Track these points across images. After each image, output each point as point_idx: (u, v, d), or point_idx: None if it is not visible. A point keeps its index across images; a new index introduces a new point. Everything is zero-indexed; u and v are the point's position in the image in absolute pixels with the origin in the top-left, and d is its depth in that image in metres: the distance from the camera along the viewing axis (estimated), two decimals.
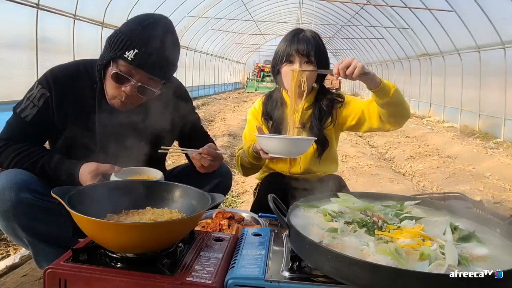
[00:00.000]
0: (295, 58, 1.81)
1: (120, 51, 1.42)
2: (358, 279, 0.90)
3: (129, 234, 1.02)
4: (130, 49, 1.41)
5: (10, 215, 1.39)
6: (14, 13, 5.51)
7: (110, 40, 1.47)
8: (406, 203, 1.34)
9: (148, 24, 1.43)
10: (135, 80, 1.45)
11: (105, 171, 1.46)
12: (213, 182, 1.77)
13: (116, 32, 1.46)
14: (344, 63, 1.53)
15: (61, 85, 1.55)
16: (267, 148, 1.64)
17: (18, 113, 1.54)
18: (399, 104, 1.67)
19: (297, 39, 1.82)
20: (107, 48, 1.47)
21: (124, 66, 1.44)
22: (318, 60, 1.82)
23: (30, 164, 1.48)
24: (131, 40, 1.41)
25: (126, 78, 1.46)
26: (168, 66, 1.50)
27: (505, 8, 6.87)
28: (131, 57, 1.41)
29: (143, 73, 1.45)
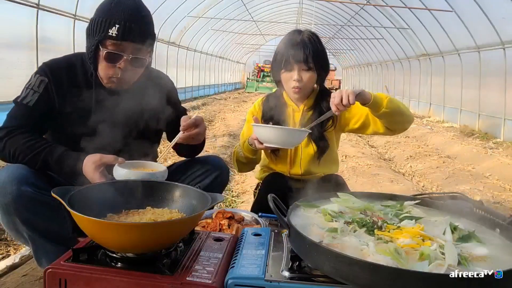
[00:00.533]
0: (293, 65, 1.80)
1: (103, 32, 1.48)
2: (358, 279, 0.90)
3: (129, 234, 1.02)
4: (112, 26, 1.47)
5: (11, 208, 1.39)
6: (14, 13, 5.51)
7: (90, 28, 1.53)
8: (406, 203, 1.34)
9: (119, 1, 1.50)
10: (126, 54, 1.51)
11: (108, 162, 1.47)
12: (211, 176, 1.80)
13: (92, 19, 1.53)
14: (337, 99, 1.54)
15: (57, 73, 1.59)
16: (262, 138, 1.65)
17: (19, 101, 1.56)
18: (395, 113, 1.68)
19: (294, 44, 1.80)
20: (90, 35, 1.53)
21: (112, 43, 1.50)
22: (317, 65, 1.81)
23: (33, 156, 1.48)
24: (110, 18, 1.47)
25: (117, 54, 1.51)
26: (150, 31, 1.57)
27: (505, 8, 6.87)
28: (115, 33, 1.47)
29: (131, 45, 1.51)
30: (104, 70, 1.56)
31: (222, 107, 12.70)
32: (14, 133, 1.51)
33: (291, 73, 1.82)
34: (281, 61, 1.83)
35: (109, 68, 1.54)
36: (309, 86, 1.86)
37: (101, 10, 1.52)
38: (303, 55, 1.77)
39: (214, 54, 19.22)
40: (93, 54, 1.53)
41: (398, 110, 1.68)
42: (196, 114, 1.64)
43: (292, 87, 1.83)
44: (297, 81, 1.80)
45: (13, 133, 1.51)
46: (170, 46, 12.54)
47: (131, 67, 1.54)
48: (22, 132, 1.52)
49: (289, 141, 1.65)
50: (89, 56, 1.54)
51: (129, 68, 1.54)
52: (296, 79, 1.80)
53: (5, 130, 1.52)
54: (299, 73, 1.80)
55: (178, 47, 13.37)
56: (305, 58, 1.78)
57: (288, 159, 1.95)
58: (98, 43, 1.50)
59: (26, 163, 1.48)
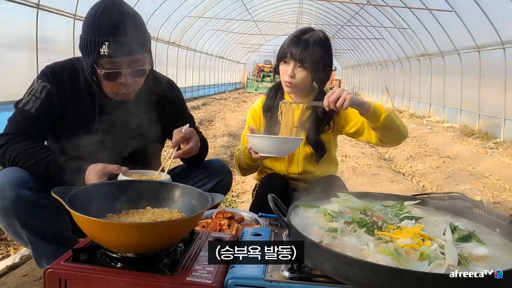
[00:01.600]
0: (290, 60, 1.81)
1: (94, 52, 1.43)
2: (358, 279, 0.90)
3: (129, 234, 1.02)
4: (101, 44, 1.42)
5: (10, 212, 1.39)
6: (14, 13, 5.50)
7: (81, 47, 1.49)
8: (406, 203, 1.34)
9: (101, 12, 1.44)
10: (124, 70, 1.47)
11: (111, 171, 1.46)
12: (214, 180, 1.80)
13: (82, 37, 1.47)
14: (334, 96, 1.55)
15: (59, 78, 1.57)
16: (257, 148, 1.68)
17: (21, 107, 1.53)
18: (391, 128, 1.69)
19: (297, 41, 1.80)
20: (84, 55, 1.49)
21: (106, 62, 1.45)
22: (313, 67, 1.79)
23: (33, 164, 1.47)
24: (97, 36, 1.42)
25: (115, 72, 1.47)
26: (142, 37, 1.51)
27: (505, 8, 6.86)
28: (106, 51, 1.42)
29: (126, 59, 1.46)
30: (108, 87, 1.55)
31: (222, 107, 12.69)
32: (14, 140, 1.49)
33: (287, 66, 1.83)
34: (281, 53, 1.85)
35: (112, 85, 1.52)
36: (302, 85, 1.85)
37: (87, 26, 1.46)
38: (300, 54, 1.77)
39: (214, 54, 19.21)
40: (91, 74, 1.50)
41: (394, 127, 1.69)
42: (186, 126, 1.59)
43: (285, 81, 1.84)
44: (289, 77, 1.81)
45: (13, 140, 1.49)
46: (170, 46, 12.53)
47: (132, 79, 1.51)
48: (23, 140, 1.50)
49: (283, 150, 1.68)
50: (89, 76, 1.52)
51: (130, 81, 1.51)
52: (289, 74, 1.81)
53: (6, 137, 1.50)
54: (293, 70, 1.80)
55: (178, 47, 13.37)
56: (301, 58, 1.77)
57: (286, 158, 1.95)
58: (93, 63, 1.46)
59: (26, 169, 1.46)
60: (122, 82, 1.50)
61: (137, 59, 1.49)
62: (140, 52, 1.49)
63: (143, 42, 1.51)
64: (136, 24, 1.49)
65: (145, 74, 1.57)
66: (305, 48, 1.77)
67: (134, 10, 1.53)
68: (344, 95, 1.53)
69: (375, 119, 1.64)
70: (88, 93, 1.60)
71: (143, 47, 1.51)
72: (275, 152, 1.66)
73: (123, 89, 1.53)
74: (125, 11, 1.46)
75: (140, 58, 1.51)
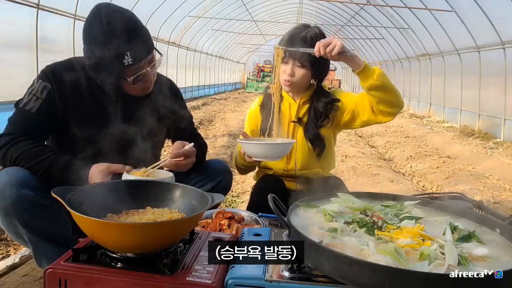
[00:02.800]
0: (288, 59, 1.81)
1: (118, 64, 1.46)
2: (358, 279, 0.90)
3: (129, 234, 1.02)
4: (124, 56, 1.46)
5: (11, 211, 1.39)
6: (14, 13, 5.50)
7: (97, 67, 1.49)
8: (406, 203, 1.34)
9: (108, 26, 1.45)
10: (146, 68, 1.55)
11: (115, 171, 1.47)
12: (214, 181, 1.80)
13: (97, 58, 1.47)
14: (324, 41, 1.57)
15: (59, 78, 1.58)
16: (249, 153, 1.72)
17: (21, 107, 1.53)
18: (385, 88, 1.65)
19: (296, 39, 1.80)
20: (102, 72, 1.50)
21: (132, 69, 1.51)
22: (312, 64, 1.80)
23: (36, 163, 1.47)
24: (116, 51, 1.45)
25: (141, 74, 1.55)
26: (148, 33, 1.58)
27: (505, 8, 6.86)
28: (130, 61, 1.47)
29: (146, 59, 1.53)
30: (135, 90, 1.60)
31: (222, 107, 12.69)
32: (16, 140, 1.49)
33: (286, 66, 1.82)
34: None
35: (141, 85, 1.59)
36: (301, 83, 1.85)
37: (99, 43, 1.45)
38: (298, 52, 1.77)
39: (214, 54, 19.21)
40: (117, 87, 1.55)
41: (389, 86, 1.67)
42: (190, 145, 1.61)
43: (284, 80, 1.84)
44: (289, 75, 1.81)
45: (15, 140, 1.49)
46: (170, 46, 12.53)
47: (152, 74, 1.60)
48: (25, 139, 1.50)
49: (274, 154, 1.71)
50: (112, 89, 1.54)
51: (151, 77, 1.60)
52: (289, 73, 1.81)
53: (7, 137, 1.50)
54: (292, 68, 1.81)
55: (178, 47, 13.37)
56: (300, 56, 1.78)
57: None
58: (119, 76, 1.51)
59: (28, 169, 1.46)
60: (146, 80, 1.57)
61: (150, 56, 1.56)
62: (152, 49, 1.57)
63: (150, 39, 1.58)
64: (138, 23, 1.54)
65: (159, 64, 1.64)
66: (303, 46, 1.77)
67: (129, 11, 1.57)
68: (335, 42, 1.55)
69: (369, 75, 1.62)
70: (88, 93, 1.60)
71: (152, 45, 1.59)
72: (268, 156, 1.71)
73: (148, 83, 1.60)
74: (126, 16, 1.50)
75: (152, 54, 1.58)
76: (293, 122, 1.91)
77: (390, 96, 1.69)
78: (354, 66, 1.63)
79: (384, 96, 1.68)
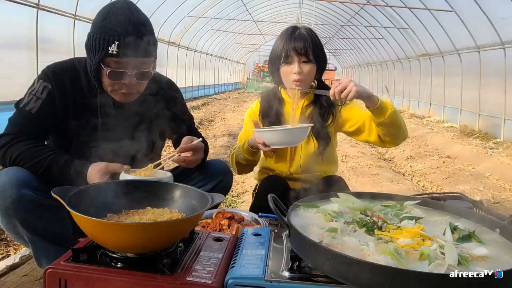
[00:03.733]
0: (293, 58, 1.80)
1: (103, 50, 1.44)
2: (358, 279, 0.90)
3: (129, 234, 1.02)
4: (111, 43, 1.43)
5: (11, 211, 1.39)
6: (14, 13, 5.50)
7: (89, 45, 1.49)
8: (406, 203, 1.34)
9: (114, 13, 1.45)
10: (129, 70, 1.48)
11: (114, 170, 1.46)
12: (214, 181, 1.80)
13: (90, 35, 1.49)
14: (340, 86, 1.56)
15: (60, 78, 1.57)
16: (269, 141, 1.69)
17: (22, 108, 1.53)
18: (395, 125, 1.70)
19: (294, 37, 1.80)
20: (90, 53, 1.50)
21: (114, 61, 1.47)
22: (316, 57, 1.81)
23: (36, 163, 1.47)
24: (107, 35, 1.43)
25: (120, 72, 1.48)
26: (150, 41, 1.52)
27: (505, 8, 6.86)
28: (115, 50, 1.44)
29: (133, 59, 1.47)
30: (109, 86, 1.55)
31: (222, 107, 12.69)
32: (16, 140, 1.49)
33: (291, 66, 1.81)
34: (280, 55, 1.82)
35: (114, 85, 1.53)
36: (309, 79, 1.85)
37: (97, 25, 1.47)
38: (303, 47, 1.78)
39: (214, 54, 19.21)
40: (95, 72, 1.51)
41: (398, 124, 1.71)
42: (198, 140, 1.61)
43: (293, 80, 1.82)
44: (297, 74, 1.80)
45: (15, 140, 1.49)
46: (170, 46, 12.54)
47: (136, 81, 1.52)
48: (25, 139, 1.50)
49: (294, 139, 1.71)
50: (92, 74, 1.52)
51: (134, 82, 1.52)
52: (297, 71, 1.79)
53: (7, 137, 1.50)
54: (299, 65, 1.80)
55: (178, 47, 13.37)
56: (305, 50, 1.78)
57: (288, 158, 1.95)
58: (99, 61, 1.47)
59: (28, 169, 1.46)
60: (125, 82, 1.51)
61: (144, 61, 1.51)
62: (147, 56, 1.51)
63: (151, 47, 1.53)
64: (147, 29, 1.50)
65: (149, 77, 1.58)
66: (305, 41, 1.79)
67: (145, 16, 1.55)
68: (350, 87, 1.53)
69: (382, 113, 1.64)
70: (89, 93, 1.60)
71: (150, 51, 1.53)
72: (287, 142, 1.70)
73: (124, 89, 1.53)
74: (137, 15, 1.49)
75: (146, 61, 1.52)
76: None
77: (397, 131, 1.73)
78: (369, 103, 1.64)
79: (391, 131, 1.72)
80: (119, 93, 1.56)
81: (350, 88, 1.53)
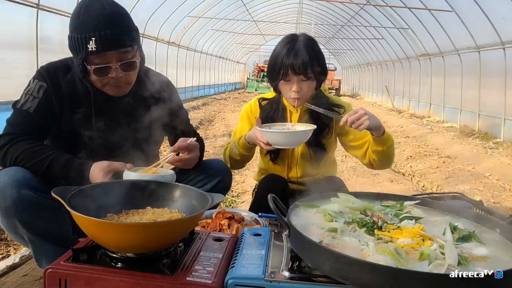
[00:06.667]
0: (292, 77, 1.76)
1: (83, 49, 1.44)
2: (358, 279, 0.90)
3: (129, 234, 1.02)
4: (88, 40, 1.42)
5: (11, 211, 1.39)
6: (14, 13, 5.51)
7: (70, 47, 1.50)
8: (406, 203, 1.34)
9: (85, 9, 1.45)
10: (114, 64, 1.48)
11: (116, 169, 1.46)
12: (214, 180, 1.79)
13: (69, 37, 1.49)
14: (354, 116, 1.58)
15: (55, 77, 1.58)
16: (272, 141, 1.69)
17: (19, 108, 1.54)
18: (388, 156, 1.78)
19: (292, 54, 1.74)
20: (74, 54, 1.51)
21: (95, 58, 1.46)
22: (315, 72, 1.77)
23: (37, 162, 1.47)
24: (83, 33, 1.43)
25: (105, 67, 1.49)
26: (129, 29, 1.51)
27: (505, 8, 6.86)
28: (94, 47, 1.43)
29: (114, 53, 1.47)
30: (98, 83, 1.54)
31: (222, 107, 12.70)
32: (16, 140, 1.49)
33: (290, 84, 1.78)
34: (279, 71, 1.77)
35: (103, 80, 1.53)
36: (308, 94, 1.83)
37: (73, 25, 1.47)
38: (301, 67, 1.72)
39: (214, 54, 19.21)
40: (82, 72, 1.51)
41: (391, 155, 1.79)
42: (193, 139, 1.61)
43: (292, 98, 1.80)
44: (296, 92, 1.77)
45: (15, 140, 1.49)
46: (170, 46, 12.54)
47: (122, 73, 1.52)
48: (25, 139, 1.50)
49: (296, 141, 1.72)
50: (81, 75, 1.53)
51: (120, 75, 1.51)
52: (295, 90, 1.77)
53: (7, 137, 1.51)
54: (298, 84, 1.76)
55: (178, 47, 13.37)
56: (304, 69, 1.73)
57: (286, 162, 1.95)
58: (82, 61, 1.47)
59: (29, 168, 1.47)
60: (113, 76, 1.50)
61: (126, 52, 1.50)
62: (127, 45, 1.49)
63: (129, 35, 1.51)
64: (121, 18, 1.49)
65: (135, 67, 1.56)
66: (303, 58, 1.72)
67: (118, 4, 1.53)
68: (363, 120, 1.57)
69: (383, 143, 1.70)
70: (84, 92, 1.61)
71: (130, 39, 1.51)
72: (290, 143, 1.73)
73: (113, 82, 1.53)
74: (108, 6, 1.47)
75: (129, 51, 1.51)
76: None
77: (387, 161, 1.81)
78: (375, 132, 1.67)
79: (383, 159, 1.78)
80: (110, 88, 1.56)
81: (362, 121, 1.57)
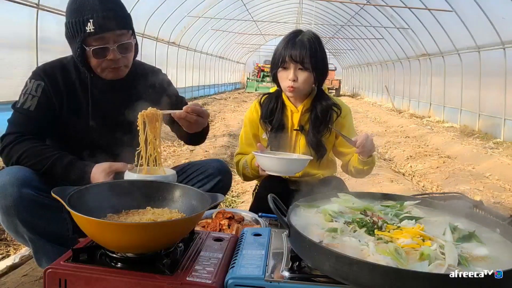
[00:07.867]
0: (289, 64, 1.80)
1: (81, 32, 1.49)
2: (358, 279, 0.90)
3: (129, 234, 1.02)
4: (86, 23, 1.47)
5: (12, 210, 1.39)
6: (14, 13, 5.50)
7: (68, 33, 1.56)
8: (406, 203, 1.34)
9: None
10: (111, 45, 1.52)
11: (117, 170, 1.47)
12: (214, 180, 1.79)
13: (67, 23, 1.55)
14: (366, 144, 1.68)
15: (52, 75, 1.60)
16: (265, 167, 1.72)
17: (19, 107, 1.56)
18: (365, 173, 1.89)
19: (293, 43, 1.79)
20: (71, 40, 1.56)
21: (93, 39, 1.51)
22: (314, 65, 1.79)
23: (40, 161, 1.48)
24: (80, 16, 1.48)
25: (103, 48, 1.52)
26: (124, 13, 1.57)
27: (505, 8, 6.86)
28: (92, 28, 1.48)
29: (112, 33, 1.51)
30: (97, 66, 1.57)
31: (222, 107, 12.70)
32: (20, 139, 1.51)
33: (287, 72, 1.81)
34: (278, 59, 1.83)
35: (101, 63, 1.55)
36: (304, 87, 1.84)
37: (70, 11, 1.53)
38: (300, 55, 1.77)
39: (214, 54, 19.21)
40: (81, 56, 1.54)
41: (368, 173, 1.90)
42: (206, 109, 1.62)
43: (287, 86, 1.82)
44: (292, 81, 1.80)
45: (19, 139, 1.51)
46: (170, 46, 12.53)
47: (120, 54, 1.55)
48: (29, 138, 1.52)
49: (290, 169, 1.73)
50: (79, 60, 1.55)
51: (118, 56, 1.55)
52: (291, 78, 1.79)
53: (11, 136, 1.52)
54: (294, 73, 1.79)
55: (178, 47, 13.37)
56: (302, 58, 1.77)
57: None
58: (81, 44, 1.51)
59: (31, 167, 1.48)
60: (111, 58, 1.54)
61: (122, 33, 1.55)
62: (124, 27, 1.55)
63: (125, 18, 1.57)
64: (117, 2, 1.56)
65: (132, 49, 1.61)
66: (303, 49, 1.77)
67: None
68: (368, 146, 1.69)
69: (365, 164, 1.80)
70: (80, 88, 1.63)
71: (126, 23, 1.57)
72: (283, 171, 1.71)
73: (112, 64, 1.56)
74: None
75: (125, 33, 1.56)
76: (296, 130, 1.91)
77: (361, 176, 1.93)
78: (364, 155, 1.75)
79: (358, 174, 1.89)
80: (108, 72, 1.59)
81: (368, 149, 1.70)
